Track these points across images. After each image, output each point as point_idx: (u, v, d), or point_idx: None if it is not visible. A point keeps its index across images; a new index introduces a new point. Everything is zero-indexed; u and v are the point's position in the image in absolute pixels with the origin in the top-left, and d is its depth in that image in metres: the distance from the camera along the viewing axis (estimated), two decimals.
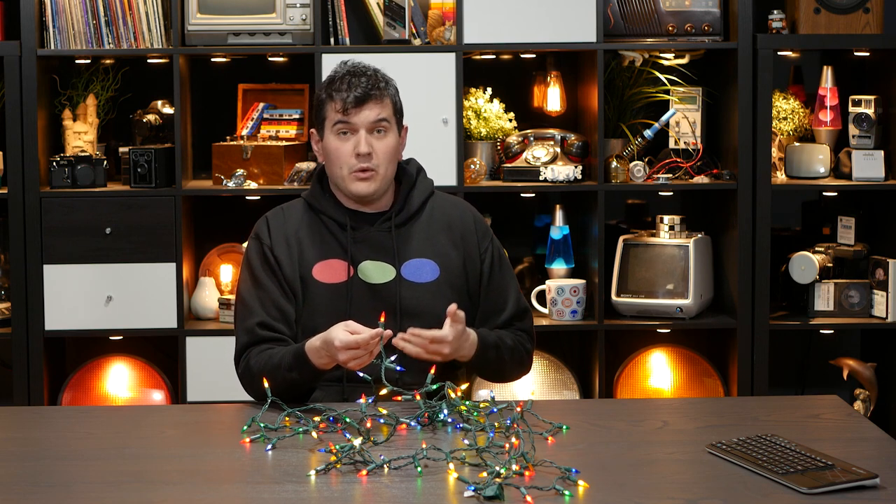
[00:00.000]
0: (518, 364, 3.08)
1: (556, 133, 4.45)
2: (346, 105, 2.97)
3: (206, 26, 4.28)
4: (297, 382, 2.87)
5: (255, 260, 3.02)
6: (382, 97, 2.99)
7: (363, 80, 2.98)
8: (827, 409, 2.87)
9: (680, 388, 4.46)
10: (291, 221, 3.05)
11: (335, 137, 3.00)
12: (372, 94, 2.98)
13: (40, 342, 4.27)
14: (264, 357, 2.91)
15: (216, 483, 2.39)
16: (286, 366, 2.86)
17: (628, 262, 4.36)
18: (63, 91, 4.43)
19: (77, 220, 4.25)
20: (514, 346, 3.05)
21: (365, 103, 2.97)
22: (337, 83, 3.00)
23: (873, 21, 4.31)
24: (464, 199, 3.23)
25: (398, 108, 3.05)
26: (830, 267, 4.38)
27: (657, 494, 2.30)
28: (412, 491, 2.30)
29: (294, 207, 3.09)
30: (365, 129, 2.98)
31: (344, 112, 2.97)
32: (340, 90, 2.98)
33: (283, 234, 3.03)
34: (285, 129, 4.54)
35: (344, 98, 2.97)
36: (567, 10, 4.25)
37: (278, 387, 2.84)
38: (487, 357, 2.96)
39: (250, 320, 2.97)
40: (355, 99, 2.97)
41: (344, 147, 2.99)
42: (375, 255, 3.01)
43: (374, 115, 2.98)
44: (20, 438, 2.70)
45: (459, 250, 3.07)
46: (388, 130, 3.01)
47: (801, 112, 4.50)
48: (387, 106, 3.00)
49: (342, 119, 2.98)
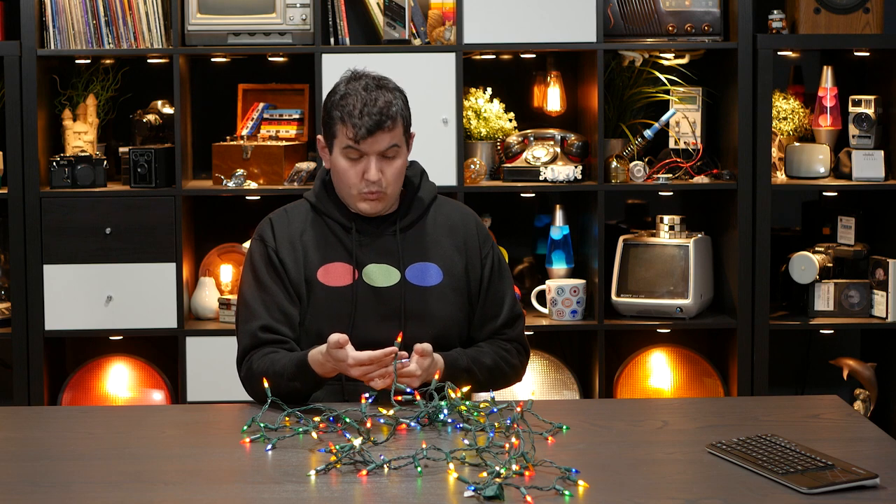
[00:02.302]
0: (500, 379, 3.05)
1: (556, 133, 4.45)
2: (358, 136, 2.91)
3: (206, 26, 4.28)
4: (299, 391, 2.87)
5: (259, 262, 2.99)
6: (394, 126, 2.93)
7: (374, 111, 2.91)
8: (827, 409, 2.87)
9: (680, 388, 4.46)
10: (296, 224, 3.03)
11: (344, 159, 2.96)
12: (384, 125, 2.91)
13: (40, 342, 4.27)
14: (266, 362, 2.90)
15: (216, 483, 2.39)
16: (288, 375, 2.85)
17: (628, 262, 4.36)
18: (63, 91, 4.43)
19: (77, 220, 4.25)
20: (493, 365, 3.01)
21: (376, 133, 2.91)
22: (350, 106, 2.92)
23: (873, 21, 4.31)
24: (465, 204, 3.22)
25: (408, 125, 3.00)
26: (830, 267, 4.38)
27: (657, 494, 2.30)
28: (412, 491, 2.30)
29: (298, 209, 3.06)
30: (375, 156, 2.94)
31: (355, 141, 2.92)
32: (353, 116, 2.91)
33: (287, 236, 3.01)
34: (285, 129, 4.54)
35: (356, 125, 2.91)
36: (567, 10, 4.25)
37: (280, 393, 2.83)
38: (457, 377, 2.90)
39: (253, 323, 2.95)
40: (367, 131, 2.90)
41: (353, 170, 2.95)
42: (380, 258, 3.00)
43: (386, 143, 2.93)
44: (20, 438, 2.70)
45: (462, 255, 3.06)
46: (398, 154, 2.96)
47: (801, 112, 4.50)
48: (398, 132, 2.95)
49: (352, 146, 2.93)
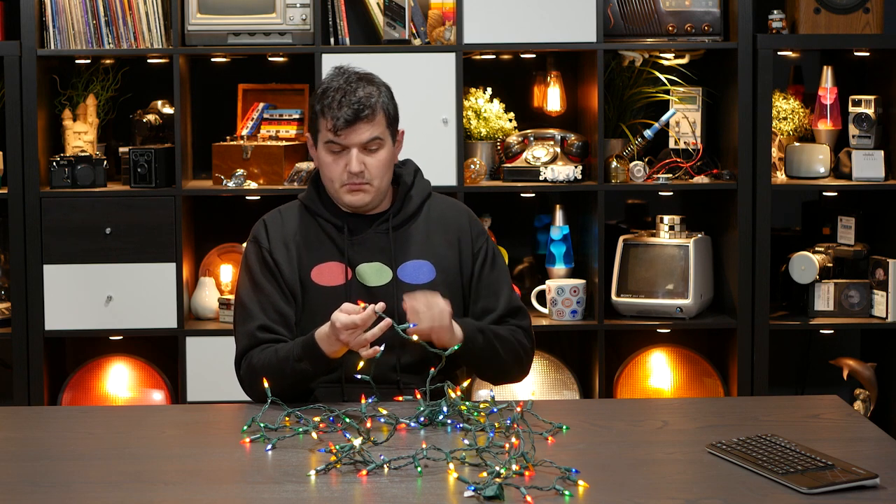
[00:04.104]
0: (514, 356, 3.02)
1: (556, 133, 4.45)
2: (337, 126, 2.94)
3: (206, 26, 4.28)
4: (306, 374, 2.87)
5: (255, 263, 3.01)
6: (374, 116, 2.96)
7: (353, 101, 2.94)
8: (827, 409, 2.87)
9: (680, 388, 4.46)
10: (289, 225, 3.05)
11: (327, 153, 2.99)
12: (363, 115, 2.94)
13: (40, 342, 4.27)
14: (269, 353, 2.91)
15: (216, 483, 2.39)
16: (295, 356, 2.86)
17: (628, 262, 4.36)
18: (63, 91, 4.43)
19: (77, 220, 4.25)
20: (507, 337, 3.00)
21: (355, 124, 2.94)
22: (329, 99, 2.96)
23: (873, 21, 4.31)
24: (460, 201, 3.22)
25: (391, 119, 3.01)
26: (830, 267, 4.38)
27: (657, 494, 2.30)
28: (412, 491, 2.30)
29: (291, 210, 3.08)
30: (356, 148, 2.96)
31: (335, 132, 2.95)
32: (332, 108, 2.95)
33: (281, 237, 3.03)
34: (285, 129, 4.53)
35: (335, 117, 2.94)
36: (567, 10, 4.25)
37: (285, 381, 2.84)
38: (476, 341, 2.90)
39: (250, 324, 2.96)
40: (345, 122, 2.94)
41: (335, 164, 2.98)
42: (372, 256, 3.00)
43: (366, 136, 2.96)
44: (20, 438, 2.70)
45: (455, 251, 3.06)
46: (381, 146, 2.98)
47: (801, 112, 4.50)
48: (378, 123, 2.97)
49: (332, 139, 2.96)
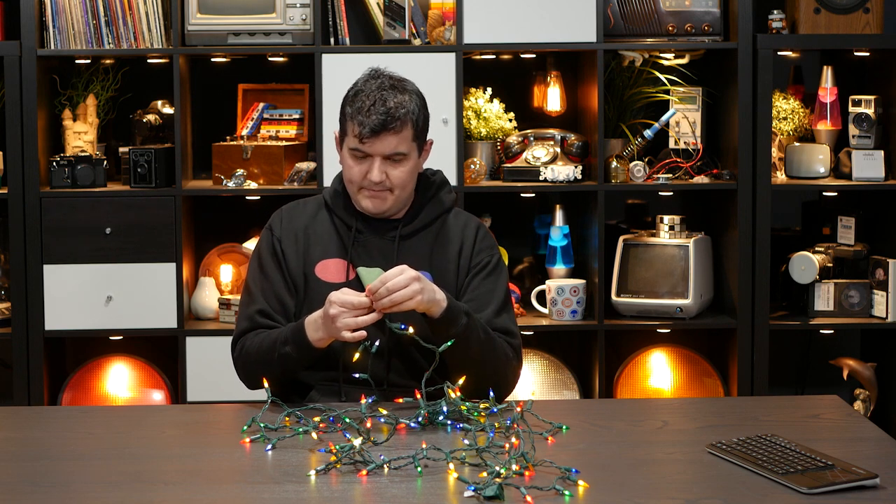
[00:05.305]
0: (492, 356, 2.87)
1: (556, 133, 4.45)
2: (363, 134, 2.91)
3: (206, 26, 4.27)
4: (290, 359, 2.87)
5: (265, 249, 3.05)
6: (401, 128, 2.92)
7: (382, 110, 2.89)
8: (827, 409, 2.87)
9: (680, 388, 4.46)
10: (304, 216, 3.06)
11: (350, 157, 2.97)
12: (390, 126, 2.90)
13: (40, 342, 4.27)
14: (262, 335, 2.93)
15: (216, 483, 2.39)
16: (282, 339, 2.88)
17: (628, 262, 4.36)
18: (63, 91, 4.43)
19: (77, 220, 4.25)
20: (493, 336, 2.89)
21: (381, 134, 2.91)
22: (360, 103, 2.92)
23: (873, 21, 4.31)
24: (466, 206, 3.19)
25: (419, 131, 2.97)
26: (830, 267, 4.38)
27: (657, 494, 2.30)
28: (412, 491, 2.30)
29: (311, 203, 3.10)
30: (380, 157, 2.93)
31: (360, 140, 2.92)
32: (361, 112, 2.91)
33: (292, 227, 3.05)
34: (285, 129, 4.53)
35: (362, 124, 2.90)
36: (567, 10, 4.25)
37: (273, 365, 2.87)
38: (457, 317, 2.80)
39: (251, 307, 3.00)
40: (371, 130, 2.90)
41: (357, 168, 2.95)
42: (373, 260, 2.99)
43: (391, 147, 2.92)
44: (20, 438, 2.70)
45: (455, 264, 3.02)
46: (405, 159, 2.95)
47: (801, 112, 4.50)
48: (405, 137, 2.93)
49: (357, 147, 2.93)
